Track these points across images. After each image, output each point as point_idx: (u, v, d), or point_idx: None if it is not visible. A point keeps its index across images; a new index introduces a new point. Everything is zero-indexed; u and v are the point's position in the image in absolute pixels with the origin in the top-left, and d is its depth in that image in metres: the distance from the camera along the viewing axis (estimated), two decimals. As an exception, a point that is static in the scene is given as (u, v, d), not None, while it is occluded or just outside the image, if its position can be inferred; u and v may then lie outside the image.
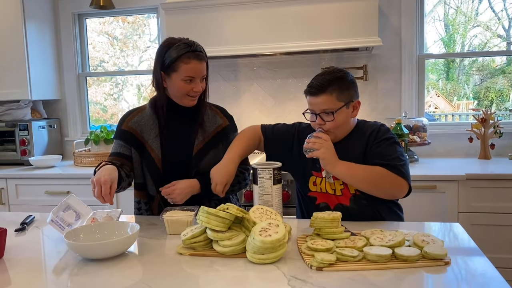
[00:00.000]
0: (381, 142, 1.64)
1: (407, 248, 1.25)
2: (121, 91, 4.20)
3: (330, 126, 1.65)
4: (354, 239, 1.34)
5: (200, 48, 1.73)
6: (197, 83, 1.72)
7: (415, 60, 3.09)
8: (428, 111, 3.71)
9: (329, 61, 3.19)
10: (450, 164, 2.76)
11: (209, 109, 1.89)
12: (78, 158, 3.27)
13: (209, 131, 1.84)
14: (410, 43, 3.08)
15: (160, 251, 1.39)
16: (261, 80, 3.31)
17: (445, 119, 4.08)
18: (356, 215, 1.65)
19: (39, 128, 3.40)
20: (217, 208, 1.35)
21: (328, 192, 1.71)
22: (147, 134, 1.81)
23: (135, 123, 1.82)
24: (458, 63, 3.81)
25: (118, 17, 3.77)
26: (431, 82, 3.77)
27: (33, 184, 3.04)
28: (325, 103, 1.63)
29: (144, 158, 1.81)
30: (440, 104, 4.44)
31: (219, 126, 1.86)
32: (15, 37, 3.24)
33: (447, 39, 4.02)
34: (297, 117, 3.29)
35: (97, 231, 1.40)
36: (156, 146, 1.79)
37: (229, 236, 1.32)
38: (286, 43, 2.80)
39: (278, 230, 1.27)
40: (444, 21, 4.00)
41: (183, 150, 1.82)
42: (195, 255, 1.33)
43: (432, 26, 3.62)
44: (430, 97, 4.35)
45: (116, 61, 3.88)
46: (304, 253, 1.29)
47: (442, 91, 4.04)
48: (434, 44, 3.55)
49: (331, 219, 1.37)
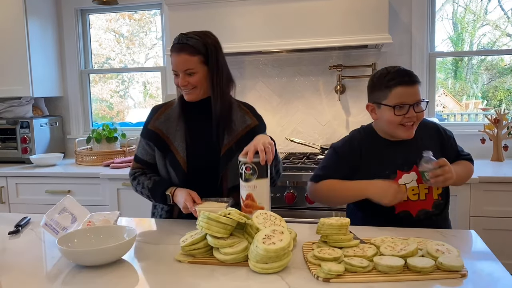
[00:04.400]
0: (452, 139, 1.76)
1: (420, 258, 1.17)
2: (127, 89, 4.15)
3: (420, 118, 1.62)
4: (364, 247, 1.26)
5: (185, 40, 1.62)
6: (181, 76, 1.65)
7: (425, 58, 3.00)
8: (436, 110, 3.63)
9: (337, 58, 3.10)
10: (462, 166, 2.67)
11: (238, 108, 1.79)
12: (79, 157, 3.21)
13: (237, 131, 1.73)
14: (421, 40, 2.98)
15: (158, 258, 1.32)
16: (266, 78, 3.23)
17: (453, 119, 3.99)
18: (436, 221, 1.66)
19: (40, 125, 3.34)
20: (219, 213, 1.27)
21: (410, 199, 1.64)
22: (173, 135, 1.72)
23: (161, 123, 1.74)
24: (466, 62, 3.72)
25: (124, 14, 3.70)
26: (439, 81, 3.68)
27: (34, 183, 2.99)
28: (419, 93, 1.60)
29: (168, 159, 1.72)
30: (449, 103, 4.35)
31: (247, 126, 1.75)
32: (16, 33, 3.18)
33: (456, 37, 3.94)
34: (303, 116, 3.24)
35: (92, 236, 1.34)
36: (181, 148, 1.71)
37: (231, 243, 1.24)
38: (293, 40, 2.72)
39: (282, 237, 1.20)
40: (452, 20, 3.92)
41: (209, 150, 1.72)
42: (195, 262, 1.26)
43: (441, 24, 3.53)
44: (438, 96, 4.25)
45: (123, 58, 3.82)
46: (310, 262, 1.22)
47: (450, 90, 3.95)
48: (442, 42, 3.46)
49: (338, 225, 1.29)
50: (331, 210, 2.47)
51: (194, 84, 1.65)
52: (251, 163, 1.47)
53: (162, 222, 1.74)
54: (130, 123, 3.78)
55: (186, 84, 1.65)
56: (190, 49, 1.61)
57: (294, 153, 3.10)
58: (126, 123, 3.80)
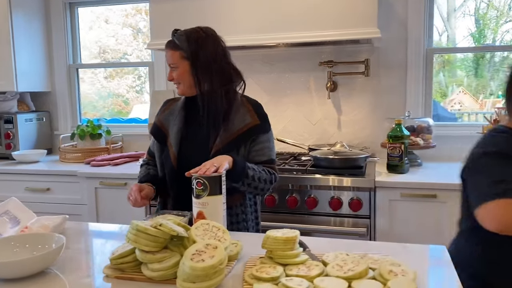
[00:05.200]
0: None
1: (368, 281, 1.03)
2: (143, 84, 4.07)
3: None
4: (310, 265, 1.12)
5: (173, 36, 1.66)
6: (169, 71, 1.69)
7: (422, 54, 2.82)
8: (452, 109, 3.45)
9: (329, 54, 2.94)
10: (456, 171, 2.47)
11: (242, 106, 1.69)
12: (63, 154, 3.13)
13: (233, 131, 1.64)
14: (418, 35, 2.80)
15: (86, 270, 1.20)
16: (255, 74, 3.09)
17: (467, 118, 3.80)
18: None
19: (25, 121, 3.27)
20: (151, 224, 1.15)
21: None
22: (171, 130, 1.74)
23: (164, 117, 1.79)
24: (488, 59, 3.52)
25: (141, 9, 3.61)
26: (458, 79, 3.50)
27: (14, 179, 2.91)
28: None
29: (164, 154, 1.74)
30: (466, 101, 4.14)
31: (246, 125, 1.65)
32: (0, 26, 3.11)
33: (478, 34, 3.75)
34: (293, 114, 3.09)
35: (17, 244, 1.23)
36: (175, 144, 1.70)
37: (160, 258, 1.12)
38: (281, 33, 2.55)
39: (215, 253, 1.07)
40: (475, 16, 3.74)
41: (200, 149, 1.65)
42: (122, 278, 1.14)
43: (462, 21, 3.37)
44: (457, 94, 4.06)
45: (139, 54, 3.73)
46: (246, 282, 1.08)
47: (469, 88, 3.74)
48: (464, 39, 3.29)
49: (284, 240, 1.15)
50: (316, 215, 2.33)
51: (177, 79, 1.67)
52: (201, 178, 1.35)
53: (115, 227, 1.62)
54: (139, 119, 3.68)
55: (171, 79, 1.68)
56: (173, 44, 1.65)
57: (282, 153, 2.96)
58: (134, 119, 3.71)
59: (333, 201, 2.30)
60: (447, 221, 2.21)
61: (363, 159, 2.43)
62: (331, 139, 2.97)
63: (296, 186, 2.37)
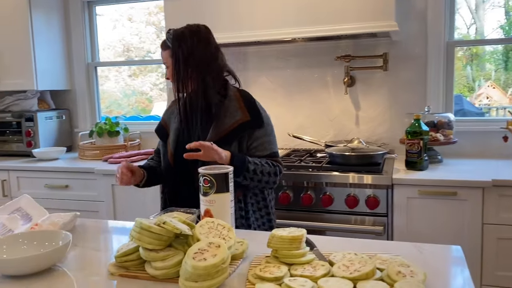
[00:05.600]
0: None
1: (374, 282, 0.99)
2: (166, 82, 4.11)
3: None
4: (316, 265, 1.09)
5: (166, 34, 1.69)
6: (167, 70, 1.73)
7: (443, 48, 2.73)
8: (480, 103, 3.34)
9: (346, 48, 2.88)
10: (478, 167, 2.40)
11: (236, 101, 1.69)
12: (82, 151, 3.17)
13: (223, 127, 1.64)
14: (438, 28, 2.71)
15: (93, 268, 1.20)
16: (271, 70, 3.05)
17: (495, 113, 3.67)
18: None
19: (45, 119, 3.33)
20: (155, 222, 1.14)
21: None
22: (171, 127, 1.79)
23: (168, 115, 1.85)
24: None
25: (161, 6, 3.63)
26: (486, 73, 3.38)
27: (34, 177, 2.97)
28: None
29: (165, 151, 1.78)
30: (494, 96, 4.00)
31: (235, 121, 1.64)
32: (20, 25, 3.16)
33: (507, 26, 3.63)
34: (309, 110, 3.05)
35: (25, 242, 1.24)
36: (172, 141, 1.74)
37: (164, 257, 1.10)
38: (297, 28, 2.51)
39: (217, 252, 1.05)
40: (504, 7, 3.62)
41: None
42: (126, 276, 1.13)
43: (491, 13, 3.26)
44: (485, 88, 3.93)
45: None
46: (249, 281, 1.06)
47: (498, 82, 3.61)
48: (493, 31, 3.18)
49: (290, 239, 1.12)
50: (332, 213, 2.29)
51: (169, 77, 1.70)
52: (208, 175, 1.33)
53: (126, 224, 1.62)
54: (158, 117, 3.70)
55: (167, 77, 1.72)
56: (164, 43, 1.69)
57: (298, 149, 2.93)
58: (153, 116, 3.73)
59: (349, 199, 2.26)
60: (468, 220, 2.13)
61: (381, 156, 2.37)
62: (349, 135, 2.91)
63: (311, 183, 2.33)
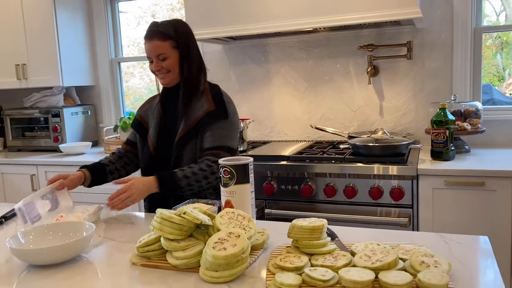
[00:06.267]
0: None
1: (396, 273, 0.97)
2: None
3: None
4: (338, 255, 1.08)
5: (156, 27, 1.67)
6: (155, 62, 1.68)
7: (470, 34, 2.65)
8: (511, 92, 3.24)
9: (368, 37, 2.83)
10: (508, 157, 2.33)
11: (206, 93, 1.73)
12: (107, 145, 3.22)
13: (193, 119, 1.68)
14: (465, 14, 2.63)
15: (115, 258, 1.22)
16: (293, 61, 3.03)
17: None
18: None
19: (71, 114, 3.40)
20: (175, 212, 1.14)
21: None
22: (151, 123, 1.81)
23: (144, 111, 1.85)
24: None
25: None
26: None
27: (61, 171, 3.03)
28: None
29: (145, 146, 1.79)
30: None
31: (203, 111, 1.68)
32: (45, 23, 3.23)
33: None
34: (332, 101, 3.01)
35: (50, 232, 1.26)
36: (154, 135, 1.76)
37: (184, 246, 1.11)
38: (318, 17, 2.46)
39: (237, 242, 1.04)
40: None
41: (170, 139, 1.72)
42: (148, 266, 1.14)
43: None
44: None
45: None
46: (269, 271, 1.05)
47: None
48: None
49: (310, 229, 1.11)
50: (355, 205, 2.26)
51: (167, 68, 1.68)
52: (228, 166, 1.33)
53: (148, 216, 1.64)
54: None
55: (159, 69, 1.68)
56: (161, 34, 1.66)
57: (320, 141, 2.90)
58: None
59: (373, 190, 2.22)
60: (496, 211, 2.07)
61: (405, 146, 2.32)
62: (373, 126, 2.87)
63: (334, 175, 2.30)
